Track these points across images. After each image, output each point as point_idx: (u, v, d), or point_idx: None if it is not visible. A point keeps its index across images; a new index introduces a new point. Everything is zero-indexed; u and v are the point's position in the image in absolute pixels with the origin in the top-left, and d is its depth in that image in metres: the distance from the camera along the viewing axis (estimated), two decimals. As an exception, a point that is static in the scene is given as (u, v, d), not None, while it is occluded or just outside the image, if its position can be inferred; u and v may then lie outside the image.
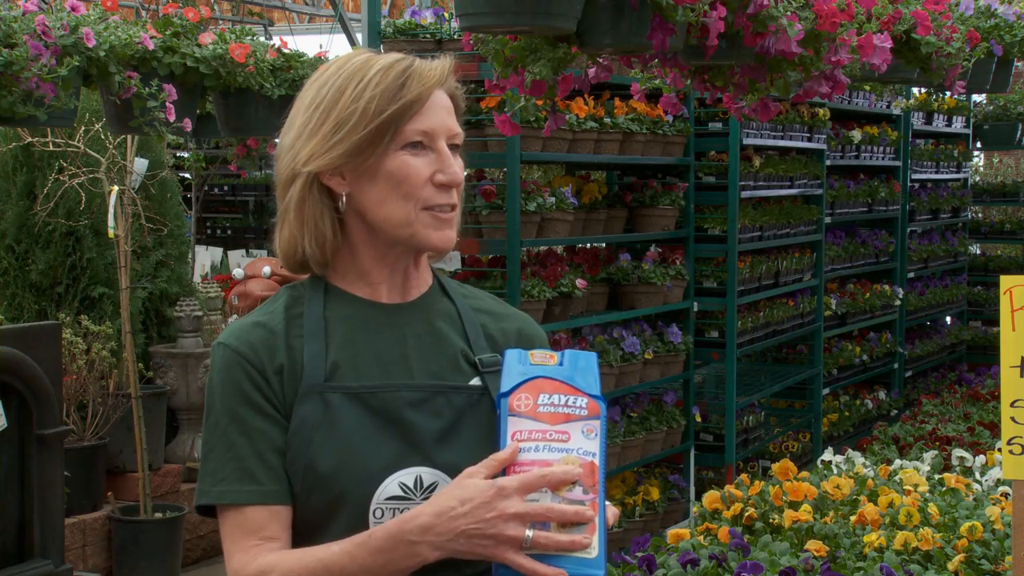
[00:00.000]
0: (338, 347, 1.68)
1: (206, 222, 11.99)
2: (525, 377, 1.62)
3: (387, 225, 1.69)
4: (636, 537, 3.22)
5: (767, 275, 6.76)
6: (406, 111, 1.66)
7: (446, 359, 1.72)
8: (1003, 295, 2.23)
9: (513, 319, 1.83)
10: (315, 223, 1.69)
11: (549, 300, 5.12)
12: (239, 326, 1.70)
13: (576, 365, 1.64)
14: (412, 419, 1.66)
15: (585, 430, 1.58)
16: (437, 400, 1.68)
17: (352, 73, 1.67)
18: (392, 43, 5.09)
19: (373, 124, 1.65)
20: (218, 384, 1.66)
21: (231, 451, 1.63)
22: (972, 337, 9.85)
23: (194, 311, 6.26)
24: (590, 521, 1.54)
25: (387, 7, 12.91)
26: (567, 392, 1.60)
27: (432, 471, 1.65)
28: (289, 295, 1.74)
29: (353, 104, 1.65)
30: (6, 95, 3.56)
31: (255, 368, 1.65)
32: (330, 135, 1.65)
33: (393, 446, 1.64)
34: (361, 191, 1.68)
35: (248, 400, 1.65)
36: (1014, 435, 2.23)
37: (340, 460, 1.62)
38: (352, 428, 1.64)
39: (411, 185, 1.67)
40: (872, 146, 8.09)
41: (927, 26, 4.01)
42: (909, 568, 2.90)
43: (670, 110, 4.11)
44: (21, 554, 4.39)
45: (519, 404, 1.59)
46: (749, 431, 6.64)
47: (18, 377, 4.31)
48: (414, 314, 1.75)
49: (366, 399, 1.65)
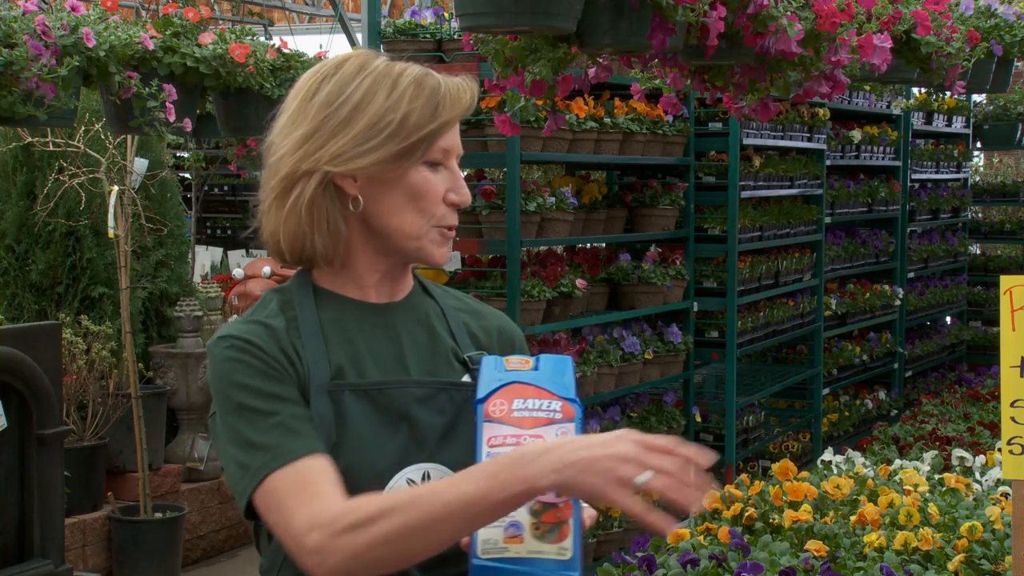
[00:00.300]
0: (337, 348, 1.67)
1: (206, 222, 11.98)
2: (500, 383, 1.62)
3: (397, 235, 1.68)
4: (636, 537, 3.22)
5: (767, 275, 6.76)
6: (441, 130, 1.66)
7: (441, 357, 1.73)
8: (1003, 295, 2.23)
9: (492, 317, 1.84)
10: (328, 221, 1.66)
11: (549, 300, 5.12)
12: (238, 323, 1.68)
13: (551, 369, 1.64)
14: (419, 416, 1.66)
15: (559, 433, 1.58)
16: (441, 397, 1.68)
17: (380, 77, 1.65)
18: (392, 43, 5.09)
19: (413, 138, 1.64)
20: (228, 371, 1.60)
21: (265, 421, 1.57)
22: (972, 337, 9.85)
23: (194, 311, 6.26)
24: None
25: (387, 7, 12.91)
26: (542, 396, 1.60)
27: (437, 467, 1.65)
28: (278, 299, 1.71)
29: (391, 113, 1.63)
30: (6, 95, 3.56)
31: (266, 352, 1.61)
32: (363, 139, 1.63)
33: (401, 442, 1.64)
34: (375, 197, 1.67)
35: (266, 375, 1.60)
36: (1014, 435, 2.23)
37: (352, 457, 1.61)
38: (362, 425, 1.63)
39: (429, 201, 1.67)
40: (872, 146, 8.09)
41: (927, 26, 4.01)
42: (909, 568, 2.90)
43: (670, 110, 4.11)
44: (21, 554, 4.40)
45: (494, 410, 1.59)
46: (749, 431, 6.64)
47: (18, 377, 4.31)
48: (404, 313, 1.75)
49: (374, 396, 1.65)
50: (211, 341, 1.67)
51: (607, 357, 5.49)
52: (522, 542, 1.54)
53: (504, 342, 1.81)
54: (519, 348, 1.83)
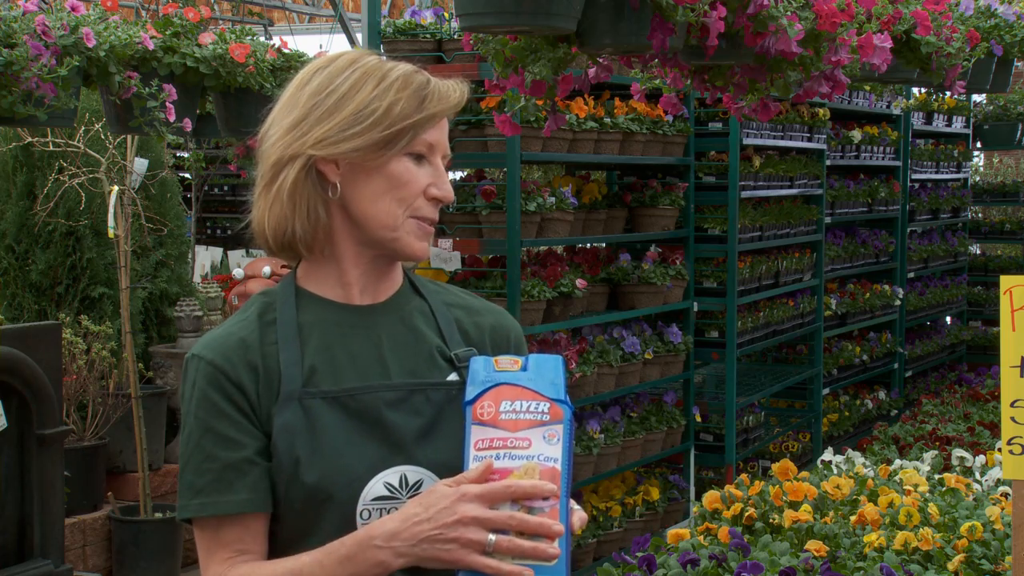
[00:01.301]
0: (313, 352, 1.68)
1: (206, 222, 11.98)
2: (488, 384, 1.61)
3: (373, 224, 1.69)
4: (636, 537, 3.22)
5: (767, 275, 6.76)
6: (425, 123, 1.68)
7: (422, 357, 1.73)
8: (1003, 295, 2.23)
9: (488, 314, 1.83)
10: (308, 206, 1.68)
11: (549, 300, 5.12)
12: (211, 337, 1.71)
13: (541, 369, 1.63)
14: (392, 419, 1.66)
15: (547, 435, 1.57)
16: (415, 398, 1.68)
17: (370, 71, 1.68)
18: (392, 43, 5.09)
19: (396, 127, 1.66)
20: (191, 397, 1.67)
21: (206, 462, 1.64)
22: (972, 337, 9.85)
23: (194, 311, 6.26)
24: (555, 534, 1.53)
25: (387, 7, 12.91)
26: (529, 398, 1.60)
27: (416, 469, 1.66)
28: (261, 302, 1.74)
29: (376, 101, 1.66)
30: (6, 95, 3.56)
31: (229, 379, 1.66)
32: (347, 124, 1.66)
33: (376, 447, 1.65)
34: (354, 184, 1.68)
35: (221, 411, 1.65)
36: (1014, 435, 2.23)
37: (324, 465, 1.63)
38: (334, 432, 1.64)
39: (409, 191, 1.68)
40: (872, 146, 8.09)
41: (927, 26, 4.01)
42: (909, 568, 2.90)
43: (670, 110, 4.10)
44: (21, 554, 4.40)
45: (482, 412, 1.59)
46: (749, 431, 6.64)
47: (18, 377, 4.31)
48: (387, 314, 1.75)
49: (345, 402, 1.66)
50: (188, 354, 1.71)
51: (607, 357, 5.49)
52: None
53: (498, 339, 1.81)
54: (515, 345, 1.83)
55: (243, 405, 1.65)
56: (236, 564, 1.64)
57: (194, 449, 1.65)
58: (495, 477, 1.55)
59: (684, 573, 2.89)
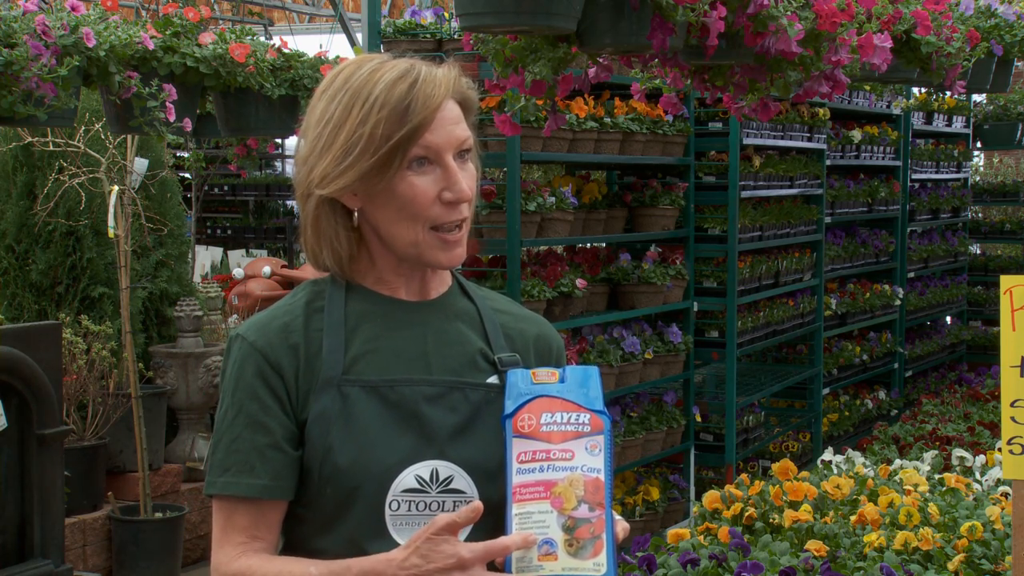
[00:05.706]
0: (358, 342, 1.71)
1: (206, 222, 12.00)
2: (528, 397, 1.63)
3: (398, 242, 1.71)
4: (636, 537, 3.22)
5: (767, 275, 6.76)
6: (412, 135, 1.65)
7: (465, 357, 1.74)
8: (1003, 295, 2.23)
9: (532, 322, 1.85)
10: (331, 240, 1.72)
11: (549, 300, 5.12)
12: (256, 319, 1.73)
13: (578, 380, 1.65)
14: (429, 413, 1.68)
15: (589, 446, 1.59)
16: (454, 395, 1.70)
17: (358, 89, 1.67)
18: (392, 43, 5.09)
19: (382, 151, 1.64)
20: (231, 376, 1.69)
21: (235, 443, 1.67)
22: (972, 337, 9.85)
23: (194, 311, 6.26)
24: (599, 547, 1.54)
25: (387, 7, 12.91)
26: (570, 409, 1.62)
27: (448, 465, 1.67)
28: (310, 290, 1.76)
29: (360, 128, 1.65)
30: (6, 95, 3.56)
31: (268, 362, 1.68)
32: (340, 158, 1.66)
33: (409, 439, 1.67)
34: (373, 208, 1.70)
35: (255, 394, 1.67)
36: (1014, 435, 2.23)
37: (357, 452, 1.64)
38: (369, 421, 1.66)
39: (418, 206, 1.68)
40: (872, 146, 8.09)
41: (927, 26, 4.01)
42: (909, 568, 2.90)
43: (670, 110, 4.10)
44: (21, 554, 4.40)
45: (523, 425, 1.61)
46: (749, 431, 6.64)
47: (18, 377, 4.31)
48: (434, 312, 1.77)
49: (384, 392, 1.68)
50: (232, 333, 1.73)
51: (607, 357, 5.49)
52: (556, 559, 1.54)
53: (541, 349, 1.83)
54: (556, 356, 1.85)
55: (279, 389, 1.68)
56: (246, 553, 1.66)
57: (227, 428, 1.68)
58: (540, 489, 1.56)
59: (684, 573, 2.89)
